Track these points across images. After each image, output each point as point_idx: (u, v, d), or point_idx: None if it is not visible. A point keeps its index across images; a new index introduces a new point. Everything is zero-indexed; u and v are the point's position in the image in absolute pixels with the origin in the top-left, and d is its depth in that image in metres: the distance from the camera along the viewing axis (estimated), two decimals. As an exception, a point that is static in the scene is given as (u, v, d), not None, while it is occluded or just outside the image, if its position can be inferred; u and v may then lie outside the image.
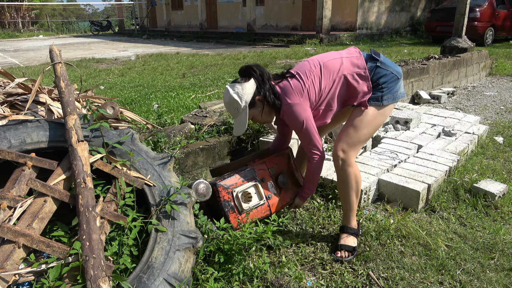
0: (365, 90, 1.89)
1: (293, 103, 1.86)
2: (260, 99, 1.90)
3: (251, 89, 1.87)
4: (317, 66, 1.89)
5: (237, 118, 1.92)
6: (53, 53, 2.23)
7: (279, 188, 2.17)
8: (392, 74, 1.91)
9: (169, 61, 9.05)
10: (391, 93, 1.91)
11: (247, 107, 1.88)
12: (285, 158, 2.24)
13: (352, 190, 1.98)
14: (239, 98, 1.85)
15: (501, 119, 4.39)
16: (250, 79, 1.89)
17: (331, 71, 1.88)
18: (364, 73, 1.88)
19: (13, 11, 27.42)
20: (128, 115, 2.80)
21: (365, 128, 1.92)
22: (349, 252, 1.98)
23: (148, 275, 1.46)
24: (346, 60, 1.90)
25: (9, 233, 1.46)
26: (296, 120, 1.87)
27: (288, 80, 1.89)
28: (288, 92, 1.87)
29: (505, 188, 2.51)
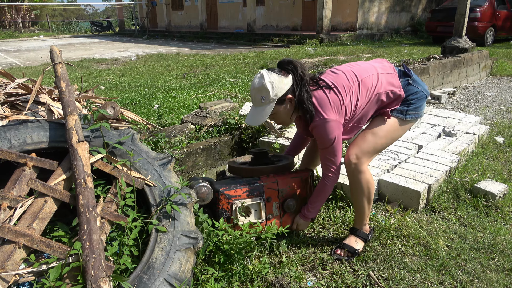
0: (393, 105, 1.88)
1: (330, 119, 1.75)
2: (291, 100, 1.79)
3: (287, 85, 1.75)
4: (355, 82, 1.81)
5: (258, 108, 1.78)
6: (53, 54, 2.23)
7: (283, 211, 2.07)
8: (422, 92, 1.89)
9: (169, 61, 9.06)
10: (416, 111, 1.89)
11: (275, 101, 1.76)
12: (301, 182, 2.09)
13: (364, 197, 1.93)
14: (271, 89, 1.72)
15: (502, 119, 4.39)
16: (289, 74, 1.77)
17: (368, 89, 1.82)
18: (399, 91, 1.85)
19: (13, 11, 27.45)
20: (129, 115, 2.80)
21: (383, 138, 1.88)
22: (350, 253, 1.98)
23: (149, 275, 1.46)
24: (383, 77, 1.85)
25: (9, 233, 1.46)
26: (327, 138, 1.77)
27: (325, 92, 1.78)
28: (324, 106, 1.76)
29: (506, 188, 2.51)
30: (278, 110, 1.80)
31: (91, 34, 25.65)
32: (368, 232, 2.05)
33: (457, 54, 6.79)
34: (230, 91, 4.96)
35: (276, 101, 1.75)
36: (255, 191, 1.99)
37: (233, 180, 2.11)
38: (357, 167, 1.86)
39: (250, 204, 1.98)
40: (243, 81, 5.74)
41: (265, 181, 2.03)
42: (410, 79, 1.88)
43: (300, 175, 2.10)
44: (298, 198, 2.10)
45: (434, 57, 6.58)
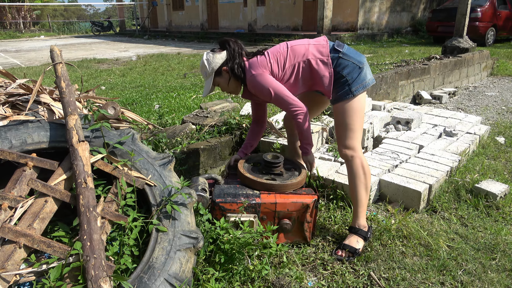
0: (326, 75, 2.00)
1: (256, 73, 2.01)
2: (226, 70, 2.06)
3: (221, 60, 2.05)
4: (285, 48, 2.06)
5: (206, 82, 2.12)
6: (54, 54, 2.23)
7: (276, 231, 2.02)
8: (354, 64, 1.99)
9: (170, 61, 9.06)
10: (358, 83, 1.99)
11: (213, 73, 2.06)
12: (302, 207, 2.00)
13: (361, 183, 2.01)
14: (207, 64, 2.05)
15: (503, 119, 4.38)
16: (223, 50, 2.07)
17: (296, 54, 2.03)
18: (327, 60, 2.00)
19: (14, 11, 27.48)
20: (129, 115, 2.80)
21: (351, 119, 2.00)
22: (351, 253, 1.98)
23: (149, 275, 1.46)
24: (312, 47, 2.04)
25: (10, 233, 1.46)
26: (263, 88, 2.00)
27: (256, 57, 2.07)
28: (253, 65, 2.04)
29: (507, 188, 2.50)
30: (220, 81, 2.11)
31: (92, 34, 25.67)
32: (367, 230, 2.06)
33: (458, 54, 6.78)
34: (230, 91, 4.95)
35: (214, 73, 2.06)
36: (251, 208, 1.96)
37: (234, 188, 2.06)
38: (351, 154, 2.02)
39: (243, 219, 1.94)
40: (243, 81, 5.74)
41: (263, 199, 1.98)
42: (340, 53, 2.01)
43: (303, 199, 1.99)
44: (296, 221, 2.03)
45: (435, 57, 6.57)
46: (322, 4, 12.12)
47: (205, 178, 2.23)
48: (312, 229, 2.07)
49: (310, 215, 2.01)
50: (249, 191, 2.04)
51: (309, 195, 2.03)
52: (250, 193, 2.02)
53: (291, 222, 2.02)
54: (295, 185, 2.06)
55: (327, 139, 3.37)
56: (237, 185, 2.12)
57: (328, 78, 2.00)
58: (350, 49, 2.05)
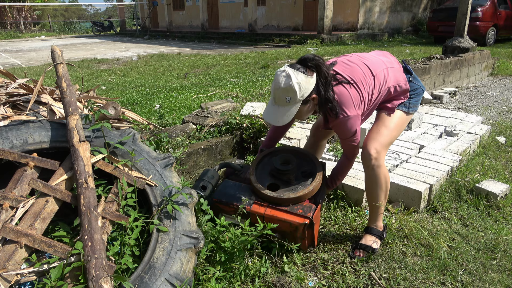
0: (402, 100, 1.97)
1: (352, 116, 1.76)
2: (315, 99, 1.75)
3: (313, 85, 1.71)
4: (371, 77, 1.84)
5: (282, 108, 1.73)
6: (54, 54, 2.23)
7: None
8: (421, 89, 2.02)
9: (170, 61, 9.06)
10: (415, 104, 2.00)
11: (301, 101, 1.71)
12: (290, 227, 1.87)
13: (382, 191, 1.96)
14: (299, 90, 1.66)
15: (503, 119, 4.38)
16: (313, 73, 1.72)
17: (380, 83, 1.87)
18: (405, 85, 1.94)
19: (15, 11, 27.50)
20: (130, 115, 2.81)
21: (395, 130, 1.95)
22: (368, 253, 1.97)
23: (150, 275, 1.46)
24: (391, 71, 1.92)
25: (11, 233, 1.47)
26: (349, 132, 1.81)
27: (345, 87, 1.77)
28: (347, 103, 1.75)
29: (507, 188, 2.50)
30: (301, 109, 1.76)
31: (93, 34, 25.68)
32: (382, 230, 2.06)
33: (458, 54, 6.77)
34: (231, 91, 4.96)
35: (302, 101, 1.71)
36: (244, 213, 1.91)
37: (236, 188, 2.03)
38: (377, 161, 1.89)
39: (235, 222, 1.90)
40: (244, 81, 5.75)
41: (254, 208, 1.91)
42: (411, 76, 2.00)
43: (292, 219, 1.85)
44: (289, 235, 1.92)
45: (435, 57, 6.56)
46: (323, 4, 12.12)
47: (221, 166, 2.23)
48: (308, 243, 1.96)
49: (302, 233, 1.87)
50: (246, 195, 1.97)
51: (301, 216, 1.84)
52: (245, 198, 1.94)
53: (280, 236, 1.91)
54: (293, 200, 1.90)
55: (329, 140, 3.37)
56: (242, 184, 2.05)
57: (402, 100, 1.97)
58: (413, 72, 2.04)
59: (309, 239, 1.94)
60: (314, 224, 1.86)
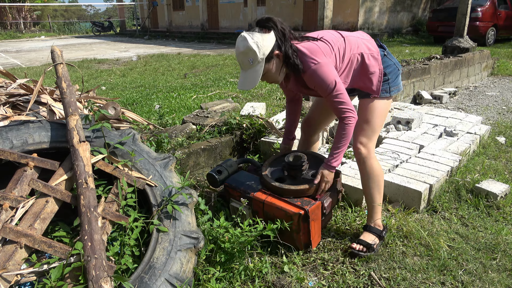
0: (376, 71, 1.90)
1: (323, 62, 1.73)
2: (279, 55, 1.74)
3: (271, 42, 1.71)
4: (340, 37, 1.86)
5: (249, 71, 1.74)
6: (54, 54, 2.23)
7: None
8: (395, 66, 1.97)
9: (170, 61, 9.06)
10: (395, 85, 1.98)
11: (264, 60, 1.70)
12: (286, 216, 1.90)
13: (374, 184, 1.99)
14: (257, 49, 1.67)
15: (503, 119, 4.38)
16: (270, 31, 1.72)
17: (352, 46, 1.87)
18: (377, 55, 1.91)
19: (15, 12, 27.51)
20: (130, 115, 2.81)
21: (377, 118, 1.95)
22: (366, 248, 1.97)
23: (150, 276, 1.46)
24: (362, 41, 1.92)
25: (11, 233, 1.47)
26: (326, 80, 1.73)
27: (313, 42, 1.78)
28: (315, 52, 1.74)
29: (507, 188, 2.50)
30: (267, 68, 1.76)
31: (92, 34, 25.68)
32: (381, 229, 2.05)
33: (458, 54, 6.77)
34: (231, 91, 4.96)
35: (264, 59, 1.71)
36: (247, 200, 1.99)
37: (248, 177, 2.17)
38: (366, 154, 1.95)
39: (235, 206, 2.09)
40: (244, 81, 5.74)
41: (256, 195, 1.99)
42: (385, 50, 1.95)
43: (288, 208, 1.89)
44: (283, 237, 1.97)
45: (435, 57, 6.57)
46: (323, 4, 12.12)
47: (242, 161, 2.42)
48: (304, 239, 1.96)
49: (297, 226, 1.89)
50: (254, 184, 2.10)
51: (297, 207, 1.89)
52: (253, 186, 2.08)
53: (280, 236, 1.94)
54: (293, 192, 1.95)
55: (328, 139, 3.37)
56: (254, 175, 2.20)
57: (378, 74, 1.90)
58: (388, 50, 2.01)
59: (305, 235, 1.94)
60: (309, 217, 1.87)
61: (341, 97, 1.78)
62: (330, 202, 2.06)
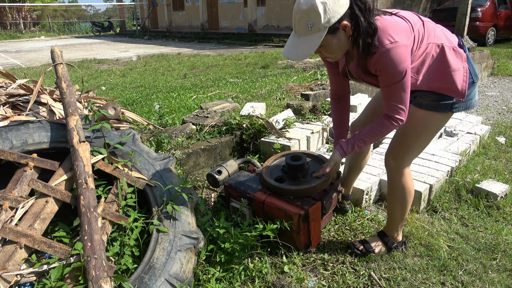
0: (459, 68, 1.52)
1: (402, 43, 1.38)
2: (346, 27, 1.39)
3: (343, 8, 1.35)
4: (419, 20, 1.51)
5: (303, 37, 1.40)
6: (54, 54, 2.23)
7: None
8: (470, 75, 1.57)
9: (170, 61, 9.06)
10: (465, 100, 1.58)
11: (326, 29, 1.36)
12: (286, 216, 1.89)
13: (396, 201, 1.84)
14: (323, 13, 1.32)
15: (503, 119, 4.38)
16: None
17: (430, 33, 1.51)
18: (462, 52, 1.54)
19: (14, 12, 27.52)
20: (130, 115, 2.81)
21: (425, 136, 1.68)
22: (366, 250, 1.95)
23: (150, 276, 1.46)
24: (441, 30, 1.56)
25: (11, 233, 1.47)
26: (397, 68, 1.39)
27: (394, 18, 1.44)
28: (394, 29, 1.39)
29: (507, 188, 2.50)
30: (328, 41, 1.41)
31: (92, 34, 25.69)
32: (396, 242, 1.96)
33: (458, 54, 6.77)
34: (231, 91, 4.96)
35: (328, 28, 1.37)
36: (247, 200, 2.01)
37: (248, 178, 2.17)
38: (395, 169, 1.77)
39: (236, 206, 2.08)
40: (244, 82, 5.75)
41: (256, 195, 1.99)
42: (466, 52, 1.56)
43: (288, 208, 1.88)
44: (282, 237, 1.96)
45: (435, 57, 6.56)
46: (322, 4, 12.10)
47: (243, 161, 2.44)
48: (305, 239, 1.96)
49: (297, 226, 1.88)
50: (254, 184, 2.09)
51: (297, 207, 1.87)
52: (253, 186, 2.07)
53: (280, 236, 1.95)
54: (293, 192, 1.94)
55: (327, 139, 3.37)
56: (254, 175, 2.20)
57: (463, 73, 1.52)
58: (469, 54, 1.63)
59: (305, 235, 1.94)
60: (309, 217, 1.87)
61: (403, 92, 1.45)
62: (330, 202, 2.05)
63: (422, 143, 1.72)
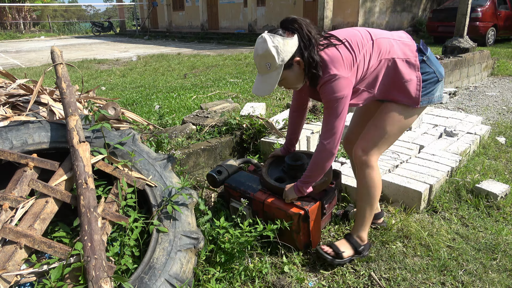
0: (412, 79, 1.69)
1: (341, 76, 1.58)
2: (299, 62, 1.61)
3: (293, 47, 1.57)
4: (368, 39, 1.67)
5: (265, 76, 1.63)
6: (54, 54, 2.23)
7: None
8: (434, 74, 1.73)
9: (170, 62, 9.06)
10: (427, 96, 1.73)
11: (282, 66, 1.59)
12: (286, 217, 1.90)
13: (367, 195, 1.84)
14: (276, 54, 1.55)
15: (503, 119, 4.38)
16: (294, 35, 1.58)
17: (382, 50, 1.67)
18: (415, 61, 1.69)
19: (14, 12, 27.52)
20: (130, 116, 2.81)
21: (389, 126, 1.76)
22: (335, 253, 1.89)
23: (150, 276, 1.46)
24: (398, 43, 1.71)
25: (11, 233, 1.47)
26: (334, 95, 1.59)
27: (337, 49, 1.62)
28: (336, 62, 1.59)
29: (507, 188, 2.50)
30: (286, 75, 1.64)
31: (92, 34, 25.69)
32: (362, 243, 1.92)
33: (458, 54, 6.78)
34: (231, 91, 4.96)
35: (283, 66, 1.59)
36: (247, 200, 1.98)
37: (248, 178, 2.16)
38: (365, 161, 1.80)
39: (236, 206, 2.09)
40: (244, 82, 5.75)
41: (256, 195, 2.00)
42: (424, 56, 1.72)
43: (288, 208, 1.89)
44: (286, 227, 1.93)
45: (435, 57, 6.56)
46: (323, 4, 12.12)
47: (243, 161, 2.43)
48: (304, 239, 1.95)
49: (297, 226, 1.89)
50: (254, 184, 2.09)
51: (297, 207, 1.88)
52: (253, 186, 2.07)
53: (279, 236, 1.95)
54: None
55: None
56: (254, 175, 2.19)
57: (416, 82, 1.69)
58: (433, 54, 1.77)
59: (305, 235, 1.94)
60: (309, 217, 1.87)
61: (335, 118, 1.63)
62: (330, 202, 2.05)
63: (390, 137, 1.80)
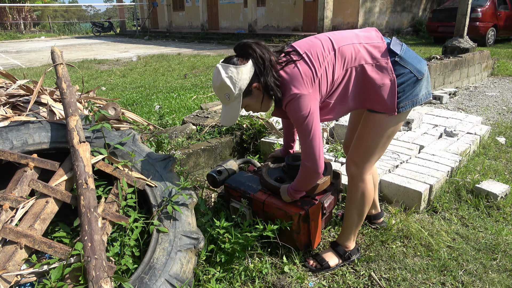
0: (385, 83, 1.56)
1: (301, 94, 1.51)
2: (258, 88, 1.57)
3: (248, 74, 1.53)
4: (330, 51, 1.56)
5: (227, 106, 1.60)
6: (54, 54, 2.23)
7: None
8: (411, 74, 1.57)
9: (170, 62, 9.07)
10: (408, 99, 1.59)
11: (241, 95, 1.55)
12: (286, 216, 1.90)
13: (354, 208, 1.81)
14: (232, 85, 1.52)
15: (503, 120, 4.38)
16: (247, 60, 1.54)
17: (347, 58, 1.56)
18: (386, 63, 1.56)
19: (15, 12, 27.53)
20: (130, 116, 2.81)
21: (377, 137, 1.68)
22: (320, 265, 1.88)
23: (150, 276, 1.46)
24: (364, 47, 1.58)
25: (11, 234, 1.47)
26: (299, 114, 1.53)
27: (297, 65, 1.54)
28: (295, 80, 1.53)
29: (508, 188, 2.50)
30: (248, 102, 1.62)
31: (92, 35, 25.70)
32: (348, 250, 1.90)
33: (458, 54, 6.78)
34: (231, 91, 4.95)
35: (241, 94, 1.55)
36: (247, 200, 2.00)
37: (248, 178, 2.16)
38: (356, 174, 1.76)
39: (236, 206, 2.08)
40: (244, 82, 5.74)
41: (256, 195, 2.00)
42: (396, 56, 1.56)
43: (288, 208, 1.88)
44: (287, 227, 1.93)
45: (435, 57, 6.57)
46: (323, 4, 12.13)
47: (243, 161, 2.44)
48: (305, 239, 1.95)
49: (297, 226, 1.88)
50: (254, 184, 2.09)
51: (297, 207, 1.87)
52: (253, 186, 2.07)
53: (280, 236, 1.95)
54: None
55: (328, 139, 3.37)
56: (254, 176, 2.19)
57: (389, 86, 1.56)
58: (409, 50, 1.61)
59: (305, 235, 1.93)
60: (309, 217, 1.87)
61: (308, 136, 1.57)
62: (330, 202, 2.06)
63: (378, 147, 1.71)
